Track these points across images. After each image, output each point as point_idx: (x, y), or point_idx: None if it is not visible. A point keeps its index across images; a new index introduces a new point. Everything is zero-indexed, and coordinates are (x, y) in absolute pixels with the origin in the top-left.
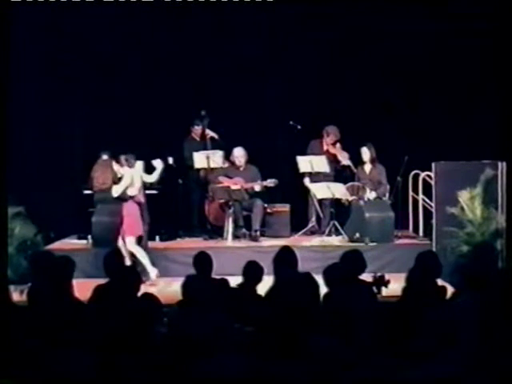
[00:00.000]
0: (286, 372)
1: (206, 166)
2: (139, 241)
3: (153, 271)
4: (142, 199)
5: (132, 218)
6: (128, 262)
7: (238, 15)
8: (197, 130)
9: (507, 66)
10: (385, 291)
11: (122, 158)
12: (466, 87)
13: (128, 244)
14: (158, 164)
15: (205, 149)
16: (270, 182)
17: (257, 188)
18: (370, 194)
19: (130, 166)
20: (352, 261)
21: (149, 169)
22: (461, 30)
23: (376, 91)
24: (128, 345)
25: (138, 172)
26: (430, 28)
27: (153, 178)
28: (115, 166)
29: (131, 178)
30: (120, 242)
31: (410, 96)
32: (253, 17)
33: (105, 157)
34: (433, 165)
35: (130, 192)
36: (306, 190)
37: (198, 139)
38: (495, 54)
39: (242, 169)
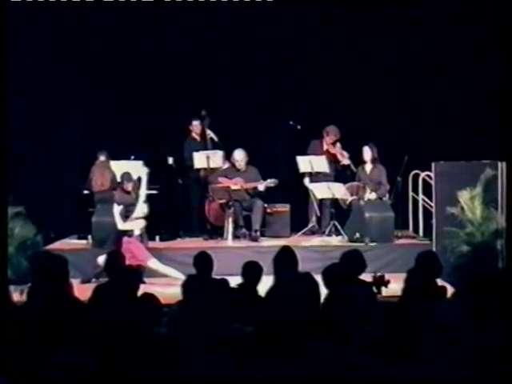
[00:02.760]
0: (286, 372)
1: (205, 166)
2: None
3: (181, 276)
4: (143, 236)
5: (142, 248)
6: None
7: (237, 15)
8: (195, 126)
9: (507, 66)
10: (385, 291)
11: (131, 185)
12: (466, 87)
13: (154, 266)
14: (143, 173)
15: (205, 149)
16: (271, 182)
17: (260, 187)
18: (370, 195)
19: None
20: (352, 261)
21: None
22: (462, 30)
23: (376, 91)
24: (128, 345)
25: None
26: (430, 28)
27: (142, 191)
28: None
29: (142, 226)
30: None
31: (410, 96)
32: (252, 17)
33: (102, 158)
34: (433, 165)
35: (137, 232)
36: (306, 190)
37: (198, 139)
38: (496, 54)
39: (242, 171)
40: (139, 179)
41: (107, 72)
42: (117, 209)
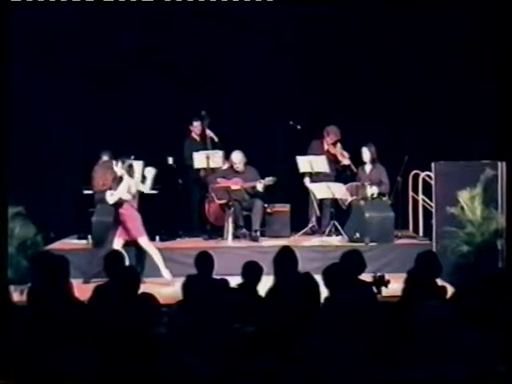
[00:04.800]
0: (285, 372)
1: (205, 165)
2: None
3: (166, 272)
4: (135, 205)
5: (138, 220)
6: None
7: (237, 15)
8: (196, 126)
9: (507, 66)
10: (385, 291)
11: (125, 163)
12: (467, 87)
13: (144, 244)
14: (148, 173)
15: (205, 149)
16: (269, 181)
17: (259, 187)
18: (372, 190)
19: (131, 174)
20: (352, 261)
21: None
22: (461, 31)
23: (376, 91)
24: (128, 345)
25: (137, 181)
26: (431, 28)
27: (146, 187)
28: (116, 168)
29: (128, 187)
30: (116, 244)
31: (411, 96)
32: (252, 17)
33: (105, 157)
34: (433, 165)
35: (125, 197)
36: (306, 190)
37: (198, 139)
38: (496, 53)
39: (241, 172)
40: (144, 177)
41: (108, 72)
42: (110, 191)
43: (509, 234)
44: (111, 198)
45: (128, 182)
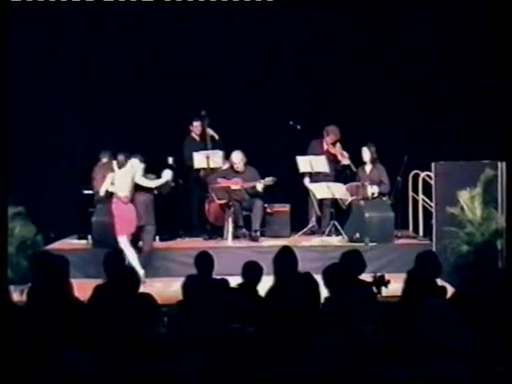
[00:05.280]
0: (286, 372)
1: (205, 166)
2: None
3: (140, 271)
4: (126, 200)
5: (121, 218)
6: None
7: (237, 15)
8: (196, 126)
9: (507, 66)
10: (385, 291)
11: (120, 157)
12: (466, 87)
13: (121, 244)
14: (166, 175)
15: (205, 149)
16: (269, 181)
17: (258, 187)
18: (372, 189)
19: (120, 166)
20: (352, 261)
21: (149, 170)
22: (462, 31)
23: (376, 91)
24: (127, 345)
25: (129, 173)
26: (431, 28)
27: (152, 184)
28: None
29: (112, 178)
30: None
31: (410, 96)
32: (252, 17)
33: (105, 158)
34: (433, 165)
35: (110, 189)
36: (306, 190)
37: (198, 139)
38: (496, 54)
39: (240, 172)
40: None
41: (108, 72)
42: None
43: (509, 234)
44: (101, 190)
45: (114, 173)
